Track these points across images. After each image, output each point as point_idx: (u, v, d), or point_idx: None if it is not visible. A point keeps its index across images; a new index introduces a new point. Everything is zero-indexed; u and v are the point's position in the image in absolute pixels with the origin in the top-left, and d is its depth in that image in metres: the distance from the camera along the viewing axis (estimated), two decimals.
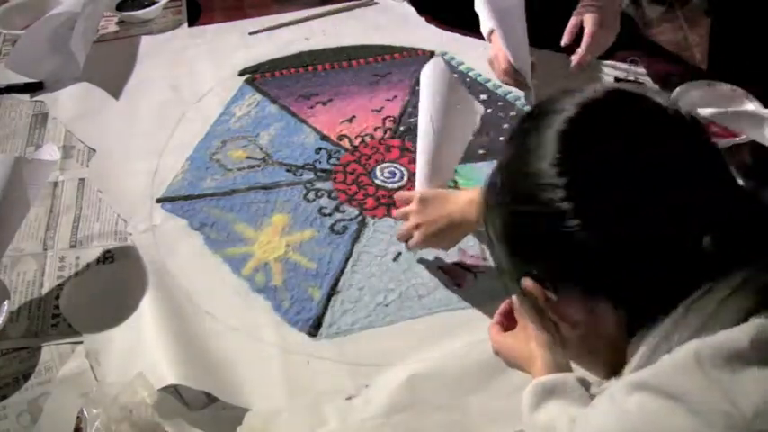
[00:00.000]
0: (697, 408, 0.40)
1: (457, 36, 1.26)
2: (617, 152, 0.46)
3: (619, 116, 0.48)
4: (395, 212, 0.88)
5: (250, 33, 1.28)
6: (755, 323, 0.42)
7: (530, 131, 0.50)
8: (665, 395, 0.42)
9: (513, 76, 1.04)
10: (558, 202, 0.46)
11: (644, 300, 0.46)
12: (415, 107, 1.11)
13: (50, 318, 0.85)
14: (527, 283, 0.50)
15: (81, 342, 0.82)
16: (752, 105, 1.03)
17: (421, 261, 0.89)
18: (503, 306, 0.75)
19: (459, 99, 0.91)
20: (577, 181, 0.46)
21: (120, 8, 1.33)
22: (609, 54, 1.17)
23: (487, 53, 1.21)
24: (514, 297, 0.55)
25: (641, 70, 1.11)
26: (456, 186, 0.99)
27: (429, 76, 0.91)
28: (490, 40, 1.09)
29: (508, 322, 0.74)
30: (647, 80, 1.13)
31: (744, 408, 0.39)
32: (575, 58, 1.05)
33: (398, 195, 0.88)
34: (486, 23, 1.09)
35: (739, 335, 0.42)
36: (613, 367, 0.50)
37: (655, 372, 0.43)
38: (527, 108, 1.02)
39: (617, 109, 0.48)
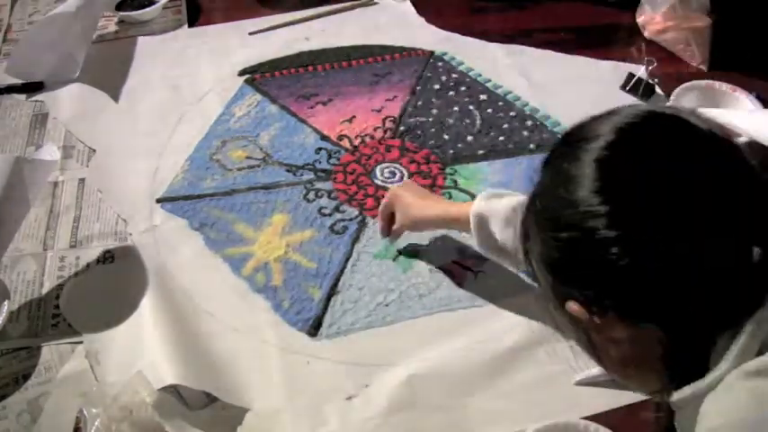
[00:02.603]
0: None
1: (457, 36, 1.26)
2: (657, 176, 0.46)
3: (656, 140, 0.47)
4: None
5: (250, 33, 1.28)
6: None
7: (566, 158, 0.49)
8: None
9: None
10: (602, 229, 0.46)
11: (696, 323, 0.46)
12: (416, 107, 1.11)
13: (50, 318, 0.85)
14: (573, 307, 0.49)
15: (81, 342, 0.82)
16: (752, 105, 1.03)
17: (422, 260, 0.89)
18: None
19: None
20: (619, 208, 0.46)
21: (119, 8, 1.33)
22: (609, 53, 1.18)
23: (487, 53, 1.21)
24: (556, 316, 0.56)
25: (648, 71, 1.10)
26: (456, 186, 0.99)
27: None
28: None
29: None
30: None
31: None
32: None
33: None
34: None
35: None
36: (652, 386, 0.51)
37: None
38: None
39: (654, 132, 0.48)
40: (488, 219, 0.76)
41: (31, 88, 1.19)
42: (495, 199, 0.77)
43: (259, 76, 1.19)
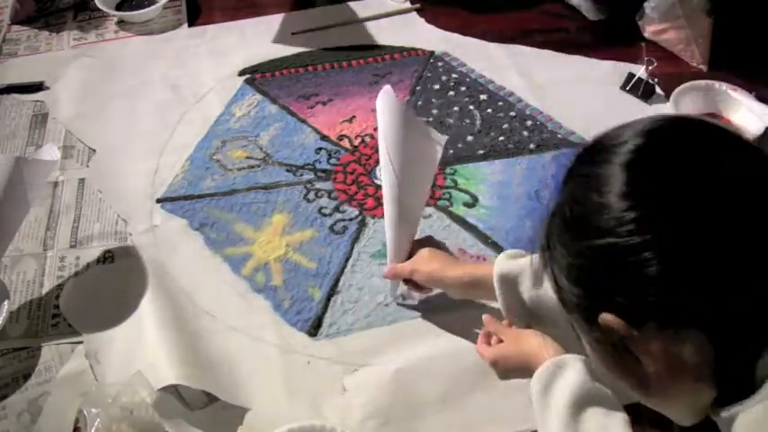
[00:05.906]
0: None
1: (457, 36, 1.26)
2: (688, 179, 0.45)
3: (685, 142, 0.47)
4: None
5: (293, 33, 1.27)
6: None
7: (593, 164, 0.49)
8: None
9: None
10: (632, 234, 0.45)
11: (740, 325, 0.45)
12: (416, 107, 1.11)
13: (50, 318, 0.85)
14: (607, 317, 0.47)
15: (81, 342, 0.82)
16: (752, 105, 1.03)
17: None
18: (485, 329, 0.73)
19: (417, 134, 0.85)
20: (649, 212, 0.45)
21: (119, 8, 1.33)
22: (609, 53, 1.18)
23: (487, 53, 1.21)
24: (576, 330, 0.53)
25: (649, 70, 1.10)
26: (456, 186, 0.99)
27: (383, 110, 0.84)
28: None
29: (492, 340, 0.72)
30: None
31: None
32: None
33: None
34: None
35: None
36: (695, 404, 0.50)
37: None
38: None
39: (682, 134, 0.48)
40: (516, 277, 0.71)
41: (32, 88, 1.19)
42: (517, 258, 0.72)
43: (259, 75, 1.19)
